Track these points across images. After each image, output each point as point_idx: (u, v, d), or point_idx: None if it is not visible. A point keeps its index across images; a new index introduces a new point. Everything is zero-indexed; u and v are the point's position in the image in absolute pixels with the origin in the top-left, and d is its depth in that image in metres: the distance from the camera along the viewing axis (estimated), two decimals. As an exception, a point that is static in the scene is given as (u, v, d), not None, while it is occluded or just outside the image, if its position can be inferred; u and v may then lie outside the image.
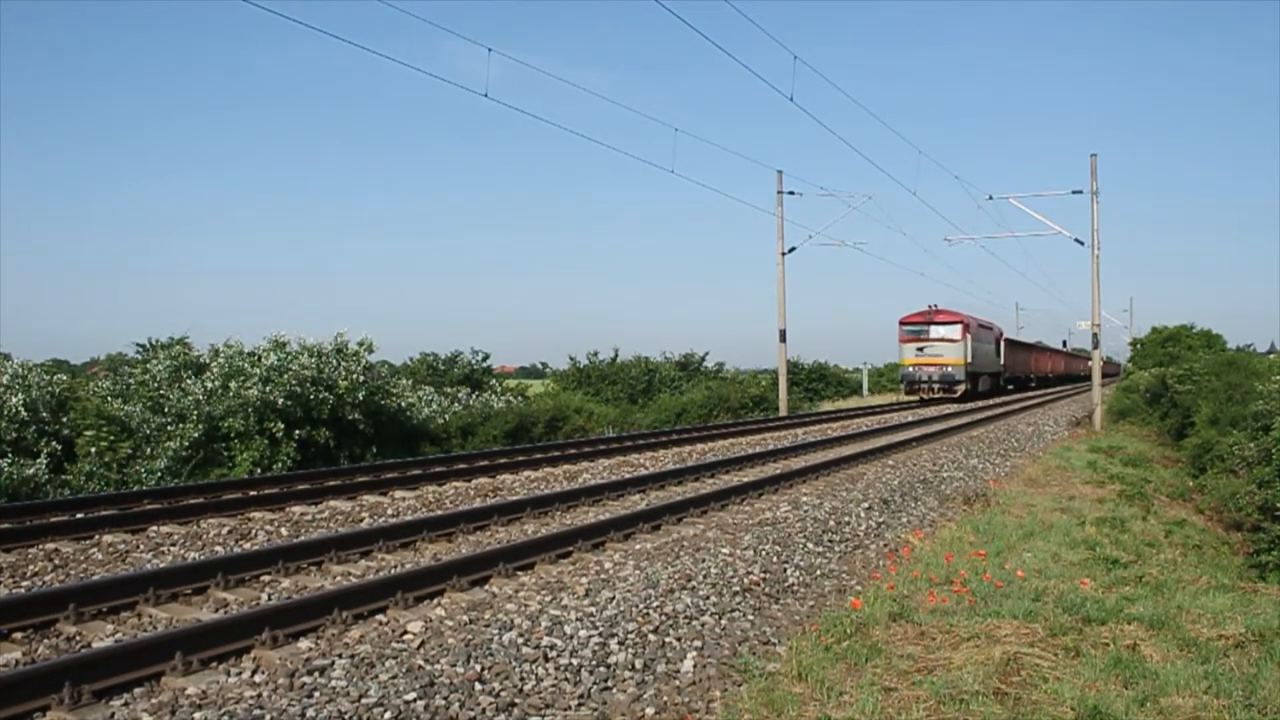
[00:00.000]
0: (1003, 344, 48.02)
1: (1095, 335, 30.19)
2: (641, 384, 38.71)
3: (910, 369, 39.39)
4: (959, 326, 38.99)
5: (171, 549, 7.94)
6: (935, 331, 39.11)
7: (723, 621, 6.31)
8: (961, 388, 38.51)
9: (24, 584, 6.84)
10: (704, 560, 7.67)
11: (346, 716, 4.38)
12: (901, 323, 40.07)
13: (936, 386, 38.57)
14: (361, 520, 9.38)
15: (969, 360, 38.87)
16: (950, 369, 38.35)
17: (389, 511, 9.90)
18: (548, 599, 6.41)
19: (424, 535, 8.42)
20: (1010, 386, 53.63)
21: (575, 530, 8.46)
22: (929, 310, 39.55)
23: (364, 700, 4.53)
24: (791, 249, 31.02)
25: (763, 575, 7.46)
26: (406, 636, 5.59)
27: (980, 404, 45.40)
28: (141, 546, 7.96)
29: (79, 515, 9.17)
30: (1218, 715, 4.82)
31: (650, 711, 4.83)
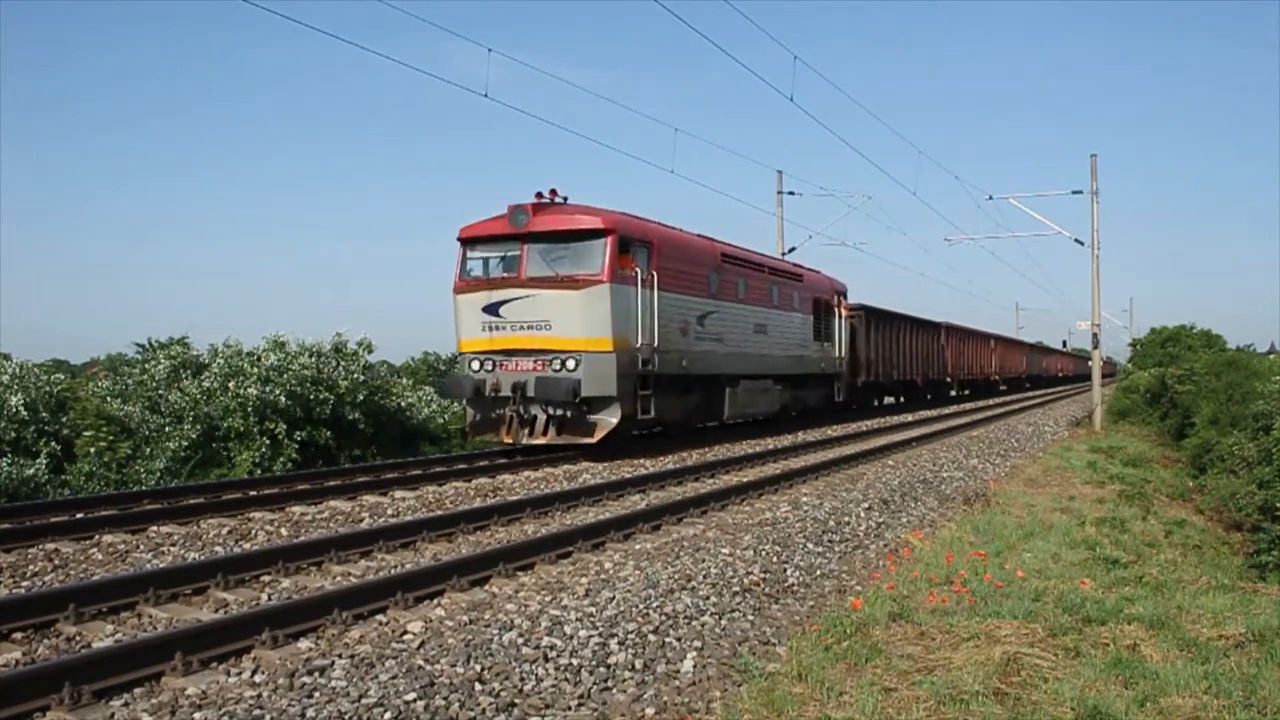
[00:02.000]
0: (843, 316, 24.75)
1: (1095, 335, 30.23)
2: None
3: (473, 363, 14.62)
4: (601, 245, 14.21)
5: (171, 549, 7.94)
6: (535, 263, 14.39)
7: (723, 622, 6.31)
8: (609, 419, 14.08)
9: (24, 584, 6.83)
10: (704, 560, 7.67)
11: (346, 716, 4.37)
12: (462, 239, 15.19)
13: (540, 414, 14.16)
14: (361, 520, 9.38)
15: (640, 339, 14.67)
16: (569, 362, 13.90)
17: (389, 511, 9.90)
18: (548, 599, 6.40)
19: (424, 535, 8.41)
20: (888, 399, 33.47)
21: (575, 530, 8.46)
22: (524, 207, 14.46)
23: (364, 700, 4.53)
24: (792, 249, 31.00)
25: (763, 575, 7.46)
26: (406, 636, 5.59)
27: (971, 405, 37.52)
28: (141, 546, 7.96)
29: (79, 515, 9.17)
30: (1218, 715, 4.82)
31: (650, 711, 4.83)
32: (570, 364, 13.86)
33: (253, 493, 10.62)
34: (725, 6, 16.90)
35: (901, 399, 34.34)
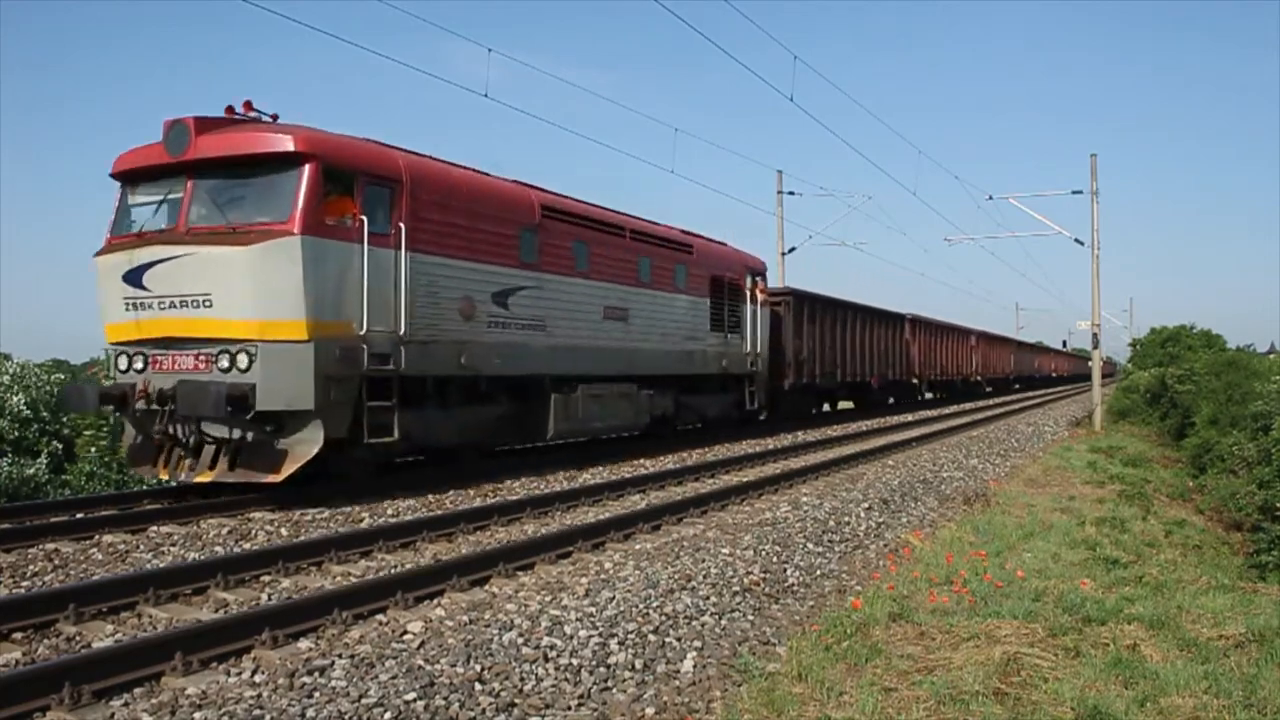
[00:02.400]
0: (759, 301, 20.09)
1: (1095, 335, 30.23)
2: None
3: (119, 359, 10.00)
4: (291, 178, 9.43)
5: (171, 549, 7.93)
6: (202, 206, 9.72)
7: (723, 622, 6.31)
8: (304, 448, 9.42)
9: (24, 584, 6.83)
10: (704, 560, 7.67)
11: (346, 716, 4.37)
12: (118, 175, 10.38)
13: (188, 435, 9.50)
14: (362, 520, 9.38)
15: (370, 324, 9.96)
16: (239, 357, 9.23)
17: (389, 511, 9.89)
18: (548, 599, 6.40)
19: (424, 535, 8.41)
20: (841, 405, 28.84)
21: (575, 530, 8.46)
22: (184, 122, 9.54)
23: (364, 700, 4.53)
24: (792, 249, 31.01)
25: (763, 575, 7.46)
26: (406, 636, 5.59)
27: (971, 405, 38.38)
28: (141, 546, 7.96)
29: (79, 515, 9.16)
30: (1217, 715, 4.82)
31: (650, 711, 4.83)
32: (242, 360, 9.22)
33: (253, 493, 10.61)
34: (725, 6, 16.82)
35: (853, 405, 29.68)
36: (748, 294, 19.54)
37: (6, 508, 9.84)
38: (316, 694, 4.59)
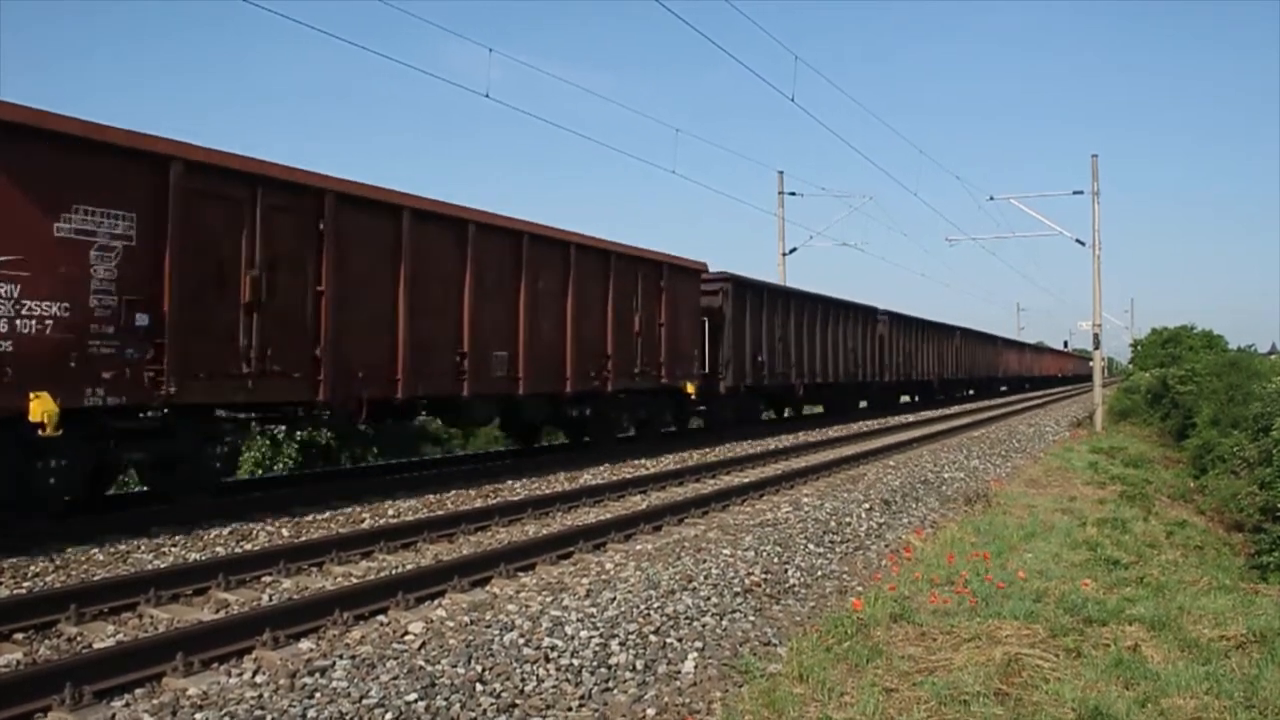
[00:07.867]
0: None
1: (1096, 336, 30.21)
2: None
3: None
4: None
5: (172, 549, 7.94)
6: None
7: (724, 622, 6.31)
8: None
9: (25, 584, 6.83)
10: (705, 561, 7.67)
11: (347, 717, 4.38)
12: None
13: None
14: (363, 521, 9.38)
15: None
16: None
17: (390, 512, 9.90)
18: (549, 600, 6.40)
19: (425, 536, 8.41)
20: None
21: (576, 531, 8.46)
22: None
23: (365, 701, 4.53)
24: (793, 249, 31.02)
25: (764, 576, 7.45)
26: (408, 637, 5.59)
27: (973, 406, 40.68)
28: (142, 547, 7.96)
29: (80, 515, 9.15)
30: (1218, 716, 4.82)
31: (651, 712, 4.83)
32: None
33: (255, 493, 10.61)
34: (725, 6, 16.78)
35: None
36: None
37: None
38: (317, 695, 4.60)
